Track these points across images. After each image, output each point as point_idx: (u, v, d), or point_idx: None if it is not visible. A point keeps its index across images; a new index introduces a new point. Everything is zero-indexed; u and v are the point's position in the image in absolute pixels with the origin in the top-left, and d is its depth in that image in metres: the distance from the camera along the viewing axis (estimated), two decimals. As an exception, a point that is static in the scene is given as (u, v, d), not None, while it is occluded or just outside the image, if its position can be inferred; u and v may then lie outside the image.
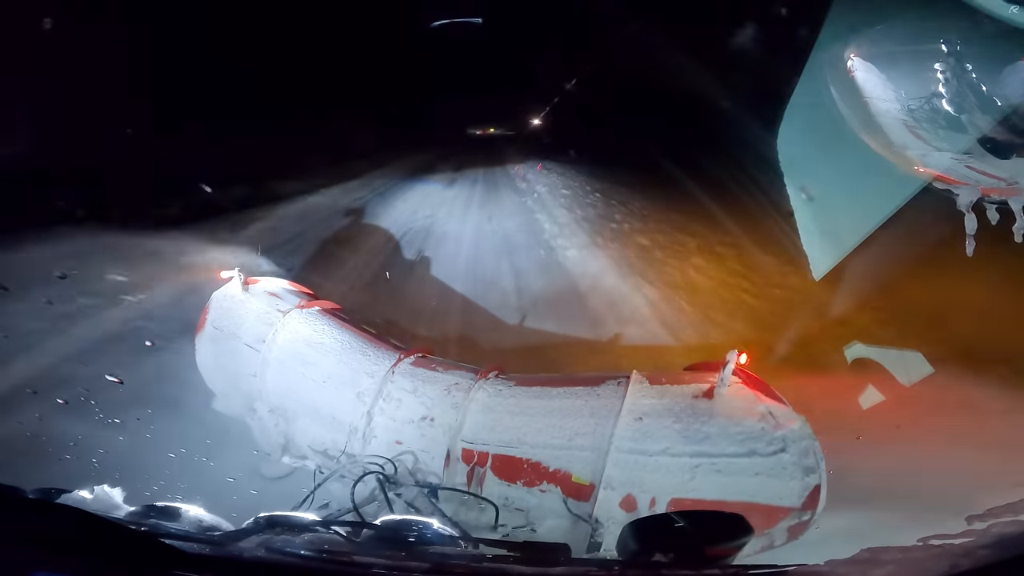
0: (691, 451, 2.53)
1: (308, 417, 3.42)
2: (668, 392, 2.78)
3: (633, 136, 11.90)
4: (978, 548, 1.11)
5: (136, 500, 1.90)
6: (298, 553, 1.56)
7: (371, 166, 13.38)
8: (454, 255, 8.69)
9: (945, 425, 4.03)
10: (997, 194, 4.02)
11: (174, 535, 1.56)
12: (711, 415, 2.59)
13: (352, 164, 13.32)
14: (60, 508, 1.58)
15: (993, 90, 3.91)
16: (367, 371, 3.31)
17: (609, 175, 12.00)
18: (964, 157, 4.05)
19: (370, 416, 3.16)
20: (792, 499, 2.41)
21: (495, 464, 2.87)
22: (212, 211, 9.24)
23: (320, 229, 9.30)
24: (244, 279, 3.82)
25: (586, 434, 2.74)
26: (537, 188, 12.08)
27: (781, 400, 2.67)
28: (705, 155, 9.48)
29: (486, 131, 18.35)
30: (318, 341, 3.50)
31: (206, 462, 3.76)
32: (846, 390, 4.45)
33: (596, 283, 7.64)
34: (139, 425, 4.06)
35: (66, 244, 6.91)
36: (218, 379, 3.78)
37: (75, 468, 3.66)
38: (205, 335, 3.75)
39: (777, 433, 2.48)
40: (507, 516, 2.73)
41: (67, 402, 4.20)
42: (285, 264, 7.29)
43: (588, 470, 2.67)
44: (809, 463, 2.45)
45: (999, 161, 3.96)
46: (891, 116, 4.25)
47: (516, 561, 1.64)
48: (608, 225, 9.66)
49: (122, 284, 6.16)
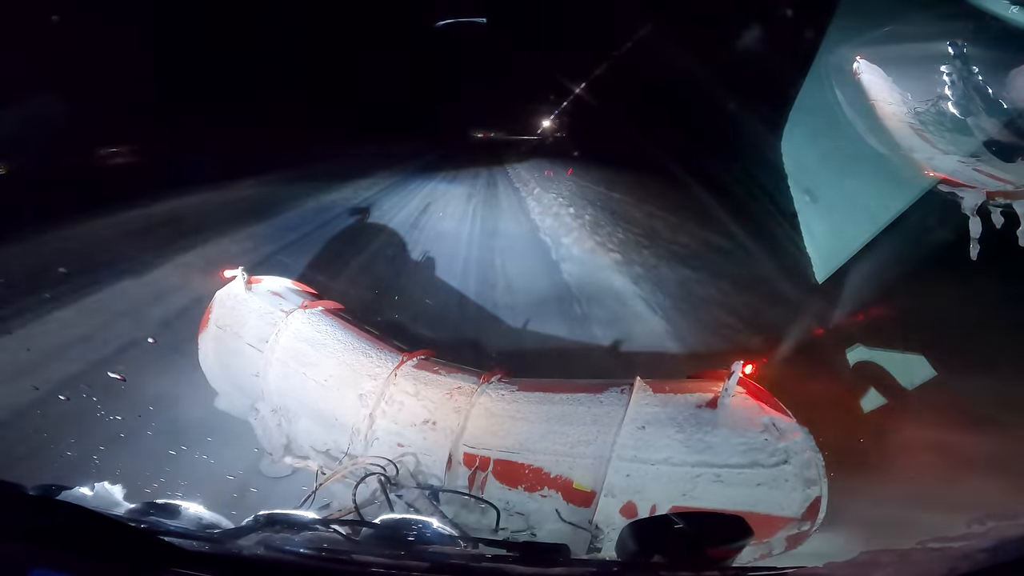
0: (693, 461, 2.52)
1: (310, 418, 3.42)
2: (671, 401, 2.77)
3: (640, 138, 11.89)
4: (977, 551, 1.10)
5: (136, 497, 1.91)
6: (297, 551, 1.56)
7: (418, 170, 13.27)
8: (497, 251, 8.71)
9: (945, 427, 4.01)
10: (1002, 197, 4.00)
11: (174, 532, 1.56)
12: (714, 425, 2.58)
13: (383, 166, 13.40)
14: (60, 505, 1.58)
15: (999, 93, 3.89)
16: (370, 373, 3.31)
17: (619, 178, 11.99)
18: (970, 160, 4.03)
19: (372, 418, 3.16)
20: (793, 509, 2.41)
21: (496, 469, 2.86)
22: (215, 210, 9.27)
23: (328, 228, 9.31)
24: (247, 278, 3.82)
25: (588, 441, 2.73)
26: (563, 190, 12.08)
27: (785, 412, 2.66)
28: (709, 157, 9.47)
29: (514, 136, 18.49)
30: (321, 342, 3.50)
31: (206, 460, 3.78)
32: (847, 391, 4.44)
33: (599, 285, 7.65)
34: (140, 422, 4.08)
35: (68, 241, 6.96)
36: (220, 378, 3.78)
37: (76, 465, 3.68)
38: (208, 334, 3.75)
39: (780, 445, 2.47)
40: (508, 520, 2.72)
41: (69, 399, 4.23)
42: (288, 262, 7.31)
43: (589, 477, 2.67)
44: (811, 475, 2.45)
45: (1005, 164, 3.94)
46: (896, 118, 4.24)
47: (515, 561, 1.63)
48: (614, 227, 9.66)
49: (124, 281, 6.19)
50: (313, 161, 13.61)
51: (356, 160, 14.36)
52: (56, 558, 1.22)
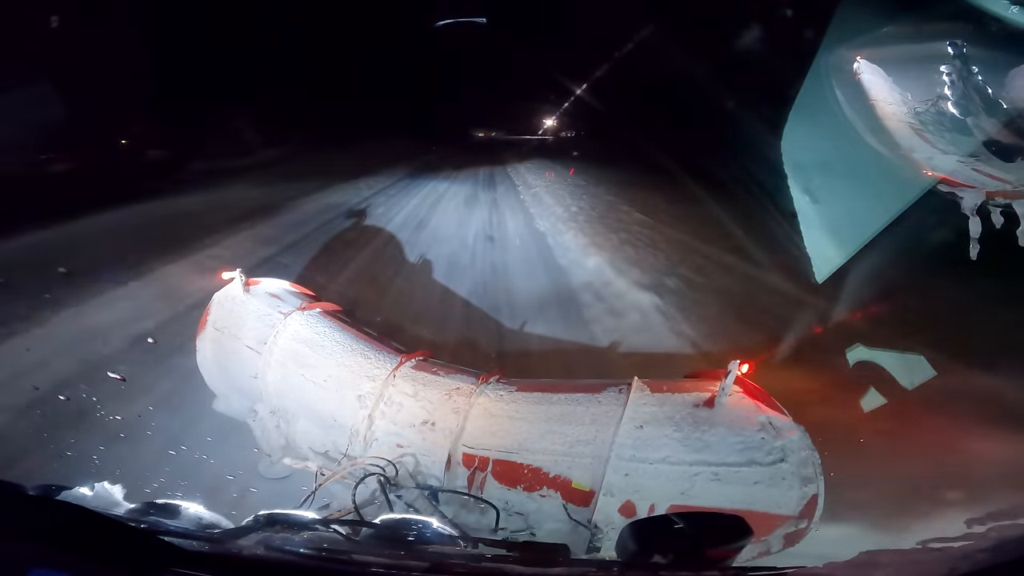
0: (691, 459, 2.53)
1: (309, 419, 3.41)
2: (669, 400, 2.78)
3: (640, 137, 11.90)
4: (977, 551, 1.10)
5: (136, 497, 1.91)
6: (297, 551, 1.56)
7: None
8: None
9: (945, 428, 4.01)
10: (1002, 197, 4.00)
11: (173, 532, 1.56)
12: (711, 424, 2.59)
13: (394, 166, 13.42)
14: (60, 505, 1.58)
15: (999, 93, 3.90)
16: (368, 374, 3.31)
17: (619, 177, 12.01)
18: (970, 160, 4.03)
19: (371, 419, 3.16)
20: (790, 507, 2.42)
21: (496, 469, 2.86)
22: (215, 210, 9.27)
23: (326, 229, 9.32)
24: (245, 280, 3.81)
25: (587, 441, 2.73)
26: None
27: (781, 410, 2.67)
28: (709, 156, 9.47)
29: (519, 136, 18.62)
30: (319, 343, 3.49)
31: (206, 460, 3.78)
32: (847, 391, 4.44)
33: (600, 285, 7.65)
34: (140, 422, 4.09)
35: (69, 241, 6.96)
36: (219, 380, 3.78)
37: (75, 464, 3.68)
38: (206, 336, 3.74)
39: (777, 443, 2.48)
40: (507, 520, 2.72)
41: (69, 399, 4.23)
42: (288, 263, 7.31)
43: (588, 476, 2.67)
44: (807, 473, 2.46)
45: (1005, 164, 3.95)
46: (896, 118, 4.24)
47: (515, 561, 1.64)
48: (616, 227, 9.67)
49: (124, 282, 6.19)
50: (312, 161, 13.61)
51: (355, 160, 14.36)
52: (56, 558, 1.22)
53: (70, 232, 7.31)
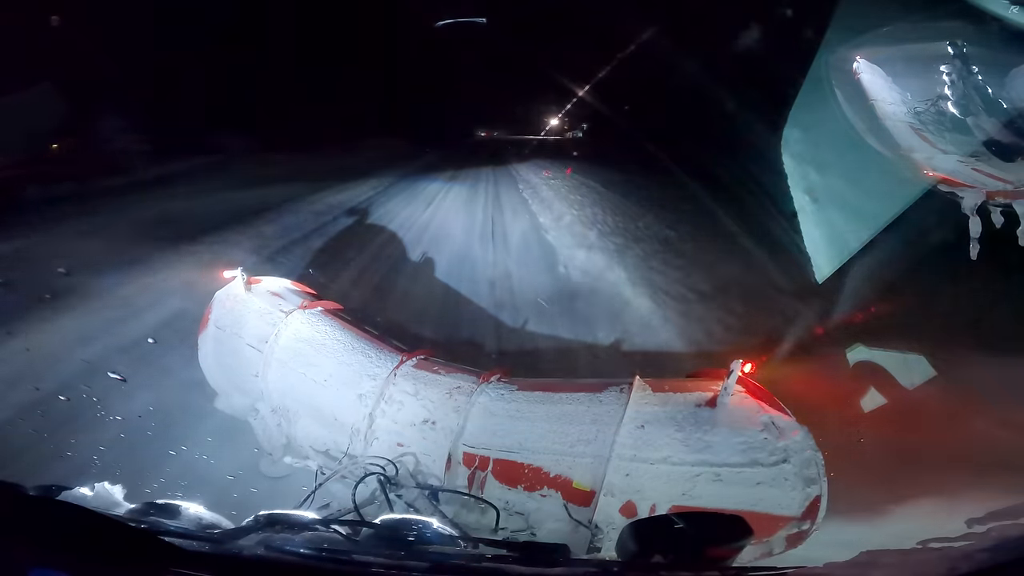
0: (692, 460, 2.52)
1: (310, 418, 3.41)
2: (671, 400, 2.77)
3: (640, 137, 11.91)
4: (977, 551, 1.10)
5: (136, 497, 1.91)
6: (297, 551, 1.56)
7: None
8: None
9: (945, 428, 4.01)
10: (1002, 197, 3.99)
11: (173, 532, 1.56)
12: (713, 424, 2.58)
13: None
14: (60, 505, 1.58)
15: (999, 92, 3.89)
16: (369, 373, 3.31)
17: (618, 177, 12.00)
18: (970, 159, 4.02)
19: (372, 418, 3.16)
20: (793, 509, 2.40)
21: (496, 468, 2.86)
22: (215, 210, 9.26)
23: (327, 229, 9.32)
24: (247, 278, 3.82)
25: (588, 440, 2.72)
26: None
27: (784, 410, 2.66)
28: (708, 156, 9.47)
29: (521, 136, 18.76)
30: (320, 342, 3.50)
31: (206, 460, 3.78)
32: (847, 391, 4.44)
33: (599, 284, 7.65)
34: (140, 422, 4.08)
35: (69, 240, 6.95)
36: (220, 378, 3.78)
37: (76, 465, 3.68)
38: (207, 334, 3.74)
39: (779, 444, 2.47)
40: (507, 520, 2.72)
41: (69, 399, 4.23)
42: (289, 262, 7.31)
43: (589, 476, 2.66)
44: (810, 474, 2.44)
45: (1005, 164, 3.94)
46: (896, 118, 4.23)
47: (515, 561, 1.63)
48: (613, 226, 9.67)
49: (125, 281, 6.18)
50: (312, 161, 13.61)
51: (355, 160, 14.35)
52: (56, 558, 1.23)
53: (70, 232, 7.31)
